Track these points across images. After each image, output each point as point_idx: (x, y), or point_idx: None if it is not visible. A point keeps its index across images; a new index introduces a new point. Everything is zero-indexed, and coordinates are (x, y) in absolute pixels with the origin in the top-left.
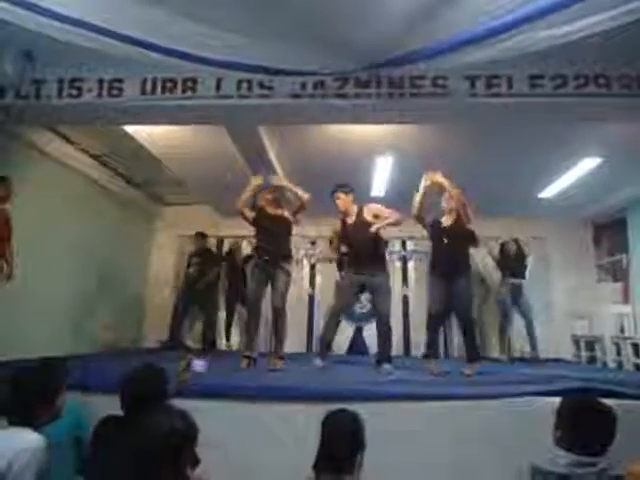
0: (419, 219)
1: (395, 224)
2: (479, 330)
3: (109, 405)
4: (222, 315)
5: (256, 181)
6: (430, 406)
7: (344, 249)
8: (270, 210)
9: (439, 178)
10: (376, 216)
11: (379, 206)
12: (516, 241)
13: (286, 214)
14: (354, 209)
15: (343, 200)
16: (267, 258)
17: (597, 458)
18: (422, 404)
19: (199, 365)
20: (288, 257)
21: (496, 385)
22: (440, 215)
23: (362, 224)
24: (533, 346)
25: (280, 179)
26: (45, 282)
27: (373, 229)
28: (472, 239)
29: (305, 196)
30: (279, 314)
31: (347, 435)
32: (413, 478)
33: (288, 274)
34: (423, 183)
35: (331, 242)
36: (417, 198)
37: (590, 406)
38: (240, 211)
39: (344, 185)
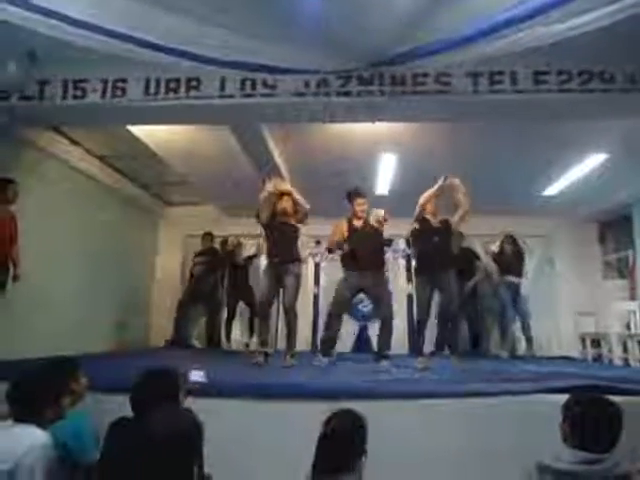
0: (422, 208)
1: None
2: (483, 327)
3: (116, 405)
4: (224, 314)
5: (271, 189)
6: (435, 404)
7: (346, 247)
8: (284, 218)
9: (456, 182)
10: (379, 222)
11: (383, 212)
12: (512, 238)
13: (293, 221)
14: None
15: (365, 205)
16: (278, 260)
17: (604, 455)
18: (426, 402)
19: (197, 375)
20: (298, 260)
21: (502, 382)
22: (431, 214)
23: (370, 229)
24: (528, 341)
25: (287, 184)
26: (51, 282)
27: None
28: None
29: (306, 207)
30: (291, 313)
31: (348, 437)
32: (418, 477)
33: (298, 276)
34: (440, 182)
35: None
36: (429, 193)
37: (597, 403)
38: (262, 223)
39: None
